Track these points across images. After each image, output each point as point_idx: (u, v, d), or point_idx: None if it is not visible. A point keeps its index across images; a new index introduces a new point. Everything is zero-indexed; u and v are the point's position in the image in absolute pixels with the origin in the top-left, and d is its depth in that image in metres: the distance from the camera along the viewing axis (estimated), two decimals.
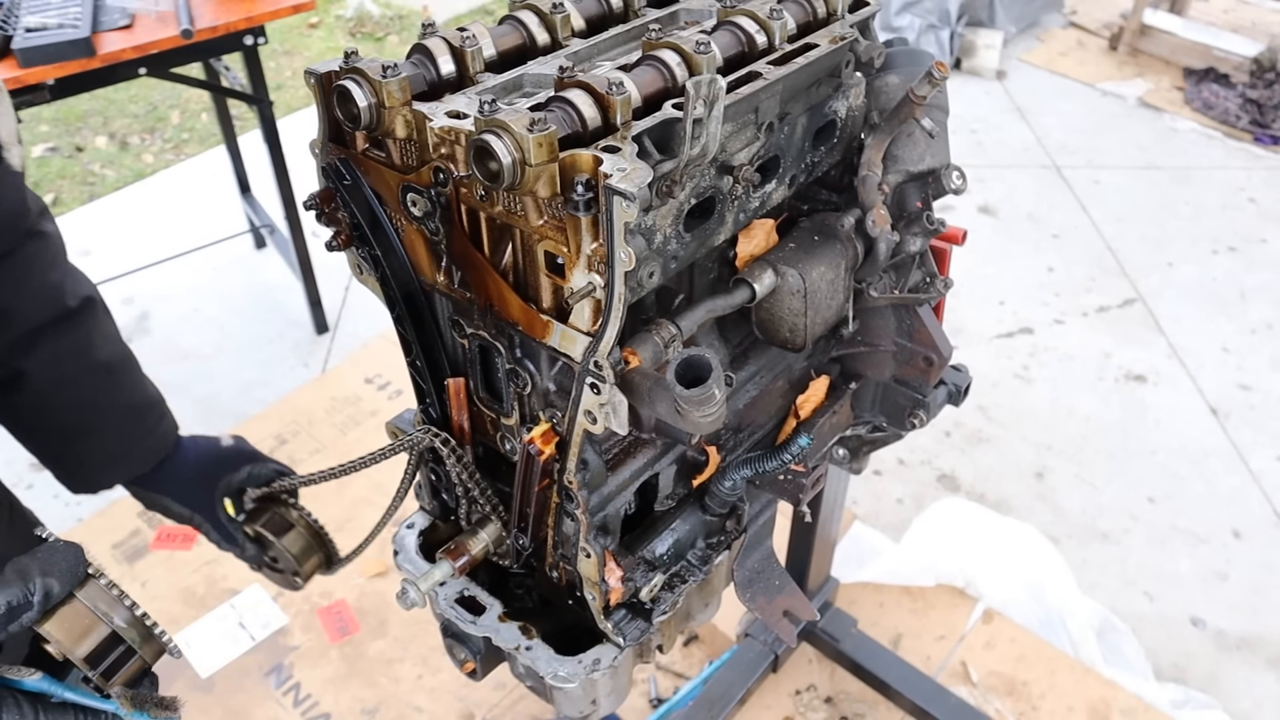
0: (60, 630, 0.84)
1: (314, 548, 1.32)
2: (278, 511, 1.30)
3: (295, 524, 1.30)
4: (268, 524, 1.28)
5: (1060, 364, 3.35)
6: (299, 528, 1.30)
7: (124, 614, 0.87)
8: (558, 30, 1.05)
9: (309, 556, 1.31)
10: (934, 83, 1.03)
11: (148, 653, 0.90)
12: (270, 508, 1.30)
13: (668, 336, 1.01)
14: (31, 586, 0.80)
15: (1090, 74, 5.17)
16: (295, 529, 1.30)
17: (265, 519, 1.29)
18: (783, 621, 1.38)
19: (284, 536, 1.29)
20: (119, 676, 0.88)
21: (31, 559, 0.82)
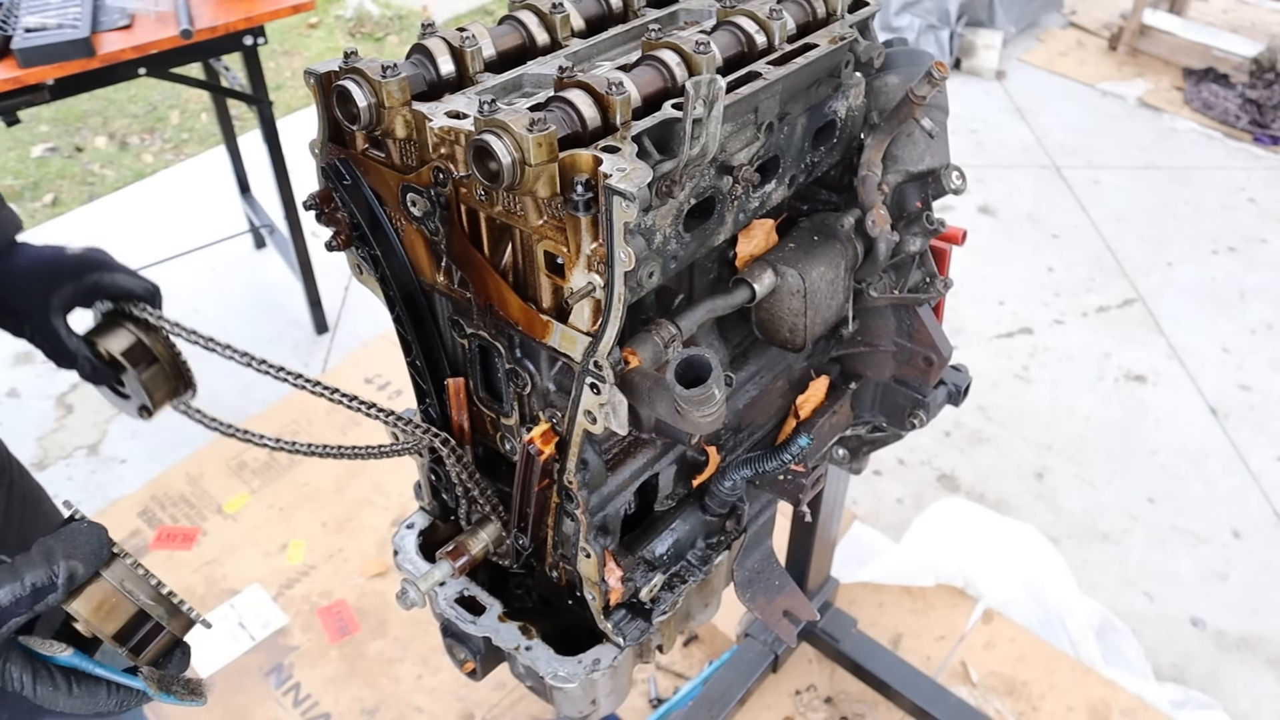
0: (88, 609, 0.84)
1: (166, 376, 1.16)
2: (130, 329, 1.14)
3: (148, 346, 1.14)
4: (112, 341, 1.13)
5: (1060, 364, 3.35)
6: (152, 349, 1.14)
7: (149, 591, 0.87)
8: (557, 30, 1.05)
9: (160, 386, 1.16)
10: (933, 83, 1.03)
11: (175, 627, 0.90)
12: (122, 324, 1.14)
13: (667, 336, 1.01)
14: (56, 568, 0.80)
15: (1090, 74, 5.18)
16: (145, 350, 1.14)
17: (111, 335, 1.13)
18: (783, 621, 1.38)
19: (131, 357, 1.13)
20: (149, 651, 0.88)
21: (56, 540, 0.83)
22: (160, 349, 1.16)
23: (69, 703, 0.82)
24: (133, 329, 1.14)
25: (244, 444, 2.92)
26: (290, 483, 2.76)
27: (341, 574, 2.52)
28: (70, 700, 0.82)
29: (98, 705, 0.84)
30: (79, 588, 0.83)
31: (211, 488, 2.75)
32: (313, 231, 3.23)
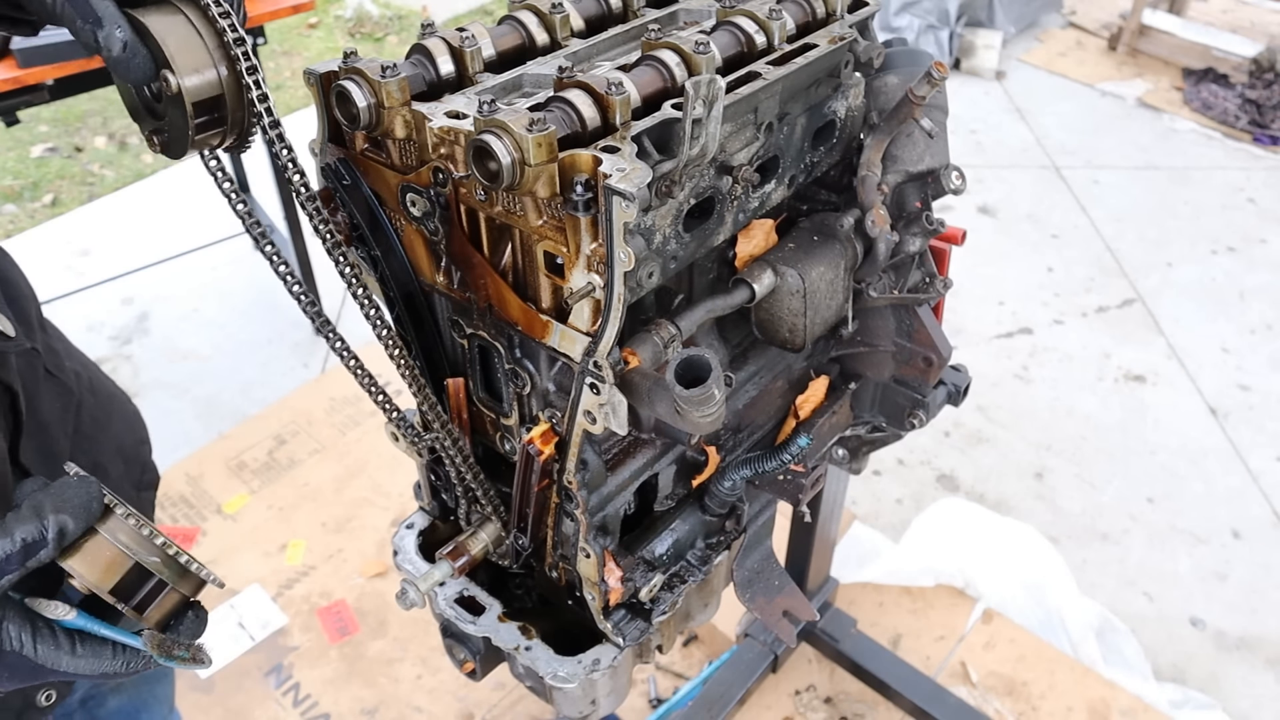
0: (83, 565, 0.81)
1: (223, 106, 0.87)
2: (189, 17, 0.85)
3: (201, 38, 0.84)
4: (158, 20, 0.84)
5: (1060, 364, 3.35)
6: (213, 59, 0.84)
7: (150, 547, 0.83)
8: (557, 30, 1.05)
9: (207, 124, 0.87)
10: (933, 83, 1.03)
11: (185, 587, 0.86)
12: (183, 10, 0.85)
13: (667, 337, 1.01)
14: (46, 523, 0.78)
15: (1089, 74, 5.18)
16: (194, 36, 0.84)
17: (161, 13, 0.85)
18: (782, 622, 1.38)
19: (173, 43, 0.83)
20: (154, 610, 0.85)
21: (45, 495, 0.80)
22: (228, 66, 0.85)
23: (72, 662, 0.80)
24: (196, 23, 0.85)
25: (243, 445, 2.93)
26: (290, 483, 2.76)
27: (341, 574, 2.52)
28: (73, 660, 0.80)
29: (101, 665, 0.81)
30: (74, 544, 0.80)
31: (211, 488, 2.75)
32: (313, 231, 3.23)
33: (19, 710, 1.11)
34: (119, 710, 1.37)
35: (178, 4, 0.85)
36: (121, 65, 0.82)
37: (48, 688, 1.12)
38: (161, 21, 0.83)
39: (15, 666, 0.78)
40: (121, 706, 1.37)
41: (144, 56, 0.83)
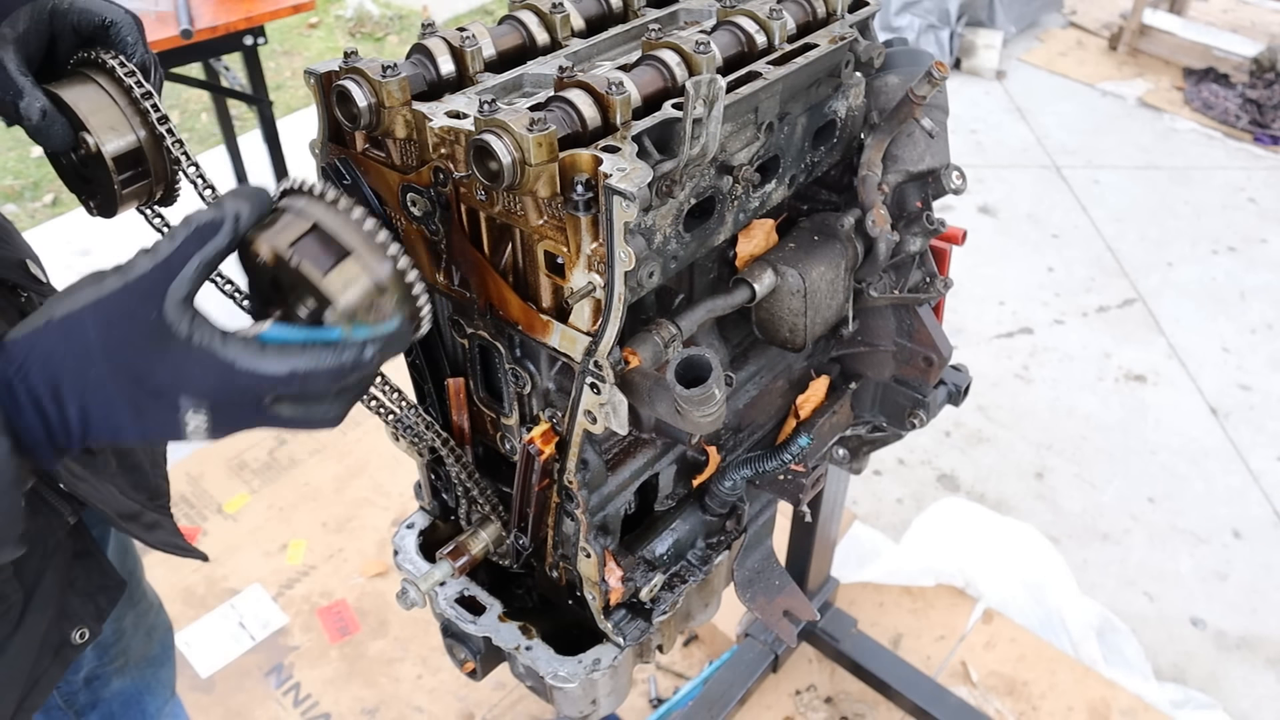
0: (263, 237, 0.74)
1: (139, 162, 0.91)
2: (102, 86, 0.91)
3: (123, 114, 0.90)
4: (72, 93, 0.90)
5: (1060, 364, 3.35)
6: (128, 121, 0.90)
7: (343, 221, 0.75)
8: (557, 30, 1.05)
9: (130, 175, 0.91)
10: (933, 83, 1.03)
11: (374, 260, 0.75)
12: (93, 79, 0.91)
13: (668, 336, 1.01)
14: (221, 212, 0.73)
15: (1090, 74, 5.18)
16: (116, 118, 0.89)
17: (74, 86, 0.91)
18: (783, 621, 1.38)
19: (94, 120, 0.89)
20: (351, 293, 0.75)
21: (224, 195, 0.76)
22: (140, 122, 0.90)
23: (261, 360, 0.71)
24: (106, 87, 0.90)
25: (244, 444, 2.93)
26: (290, 483, 2.76)
27: (342, 574, 2.52)
28: (262, 357, 0.71)
29: (292, 362, 0.72)
30: (260, 225, 0.75)
31: (211, 487, 2.75)
32: None
33: (56, 646, 1.12)
34: (121, 692, 1.38)
35: (88, 73, 0.92)
36: (42, 133, 0.89)
37: (81, 626, 1.14)
38: (73, 90, 0.91)
39: (203, 373, 0.71)
40: (124, 688, 1.38)
41: (62, 124, 0.90)
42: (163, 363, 0.70)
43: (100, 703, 1.35)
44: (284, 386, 0.72)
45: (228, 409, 0.72)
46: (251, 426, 0.76)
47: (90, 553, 1.19)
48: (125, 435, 0.73)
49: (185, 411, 0.71)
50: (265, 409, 0.73)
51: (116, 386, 0.70)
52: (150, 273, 0.70)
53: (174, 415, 0.71)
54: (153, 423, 0.72)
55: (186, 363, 0.70)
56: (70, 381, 0.70)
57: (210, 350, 0.70)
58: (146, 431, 0.73)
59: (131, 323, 0.69)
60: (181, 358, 0.70)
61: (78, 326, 0.70)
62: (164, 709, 1.49)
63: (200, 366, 0.70)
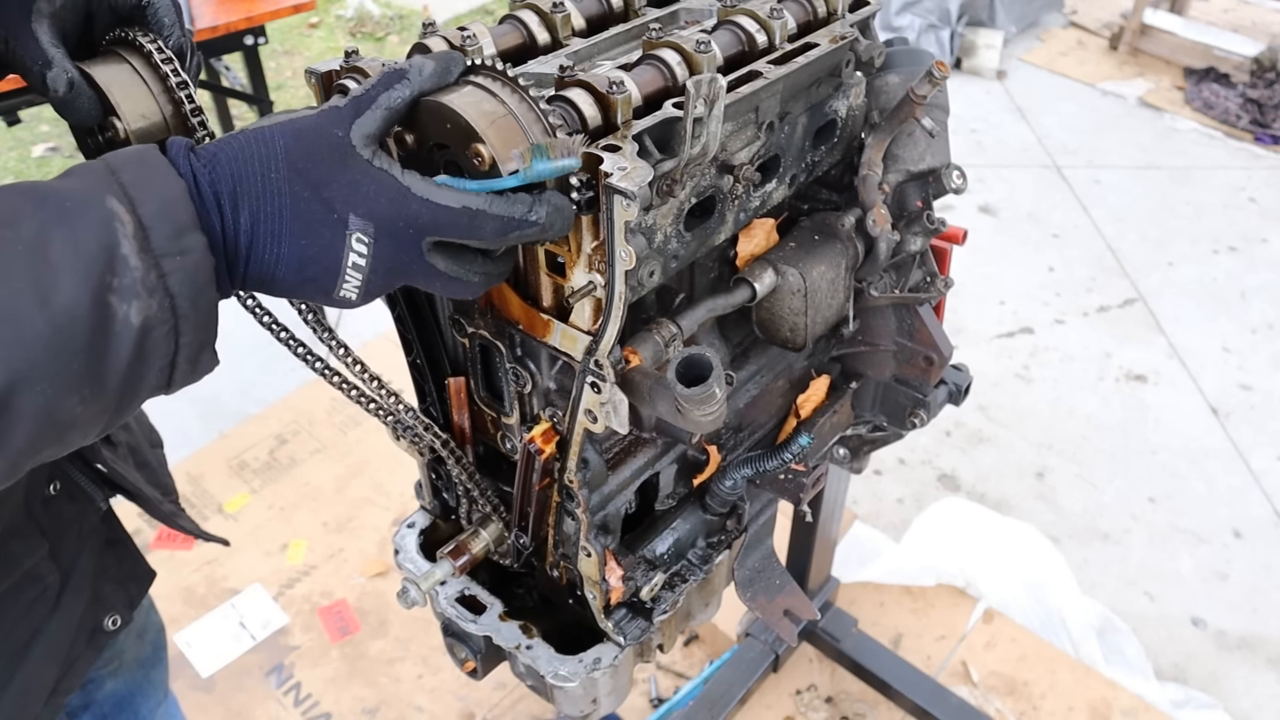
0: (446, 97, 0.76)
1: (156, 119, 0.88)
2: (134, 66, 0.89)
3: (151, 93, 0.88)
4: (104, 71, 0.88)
5: (1060, 364, 3.35)
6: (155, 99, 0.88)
7: (529, 112, 0.77)
8: (558, 30, 1.05)
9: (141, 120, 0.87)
10: (934, 82, 1.03)
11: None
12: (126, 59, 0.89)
13: (668, 335, 1.01)
14: (408, 65, 0.76)
15: (1090, 74, 5.18)
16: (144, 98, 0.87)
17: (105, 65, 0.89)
18: (783, 621, 1.38)
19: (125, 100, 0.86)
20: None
21: (413, 59, 0.79)
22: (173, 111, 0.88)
23: (436, 192, 0.73)
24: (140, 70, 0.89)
25: (244, 444, 2.93)
26: (291, 482, 2.76)
27: (342, 574, 2.52)
28: (437, 191, 0.73)
29: (465, 199, 0.74)
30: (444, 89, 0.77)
31: (212, 487, 2.75)
32: None
33: (90, 631, 1.14)
34: (114, 693, 1.39)
35: (122, 54, 0.89)
36: (68, 106, 0.87)
37: (113, 612, 1.17)
38: (106, 70, 0.87)
39: (378, 192, 0.72)
40: (117, 690, 1.39)
41: (89, 99, 0.87)
42: (342, 175, 0.72)
43: (93, 705, 1.35)
44: (453, 223, 0.74)
45: (391, 241, 0.73)
46: (406, 275, 0.76)
47: (121, 540, 1.22)
48: (284, 263, 0.73)
49: (353, 233, 0.72)
50: (425, 253, 0.75)
51: (292, 192, 0.71)
52: (340, 105, 0.74)
53: (341, 234, 0.72)
54: (317, 243, 0.72)
55: (365, 180, 0.72)
56: (250, 182, 0.71)
57: (390, 173, 0.72)
58: (306, 256, 0.73)
59: (319, 137, 0.72)
60: (360, 175, 0.72)
61: (268, 136, 0.72)
62: (157, 710, 1.49)
63: (377, 185, 0.72)
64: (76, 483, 1.11)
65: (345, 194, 0.72)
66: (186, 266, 0.68)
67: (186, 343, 0.71)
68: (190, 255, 0.68)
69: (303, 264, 0.73)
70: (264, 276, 0.74)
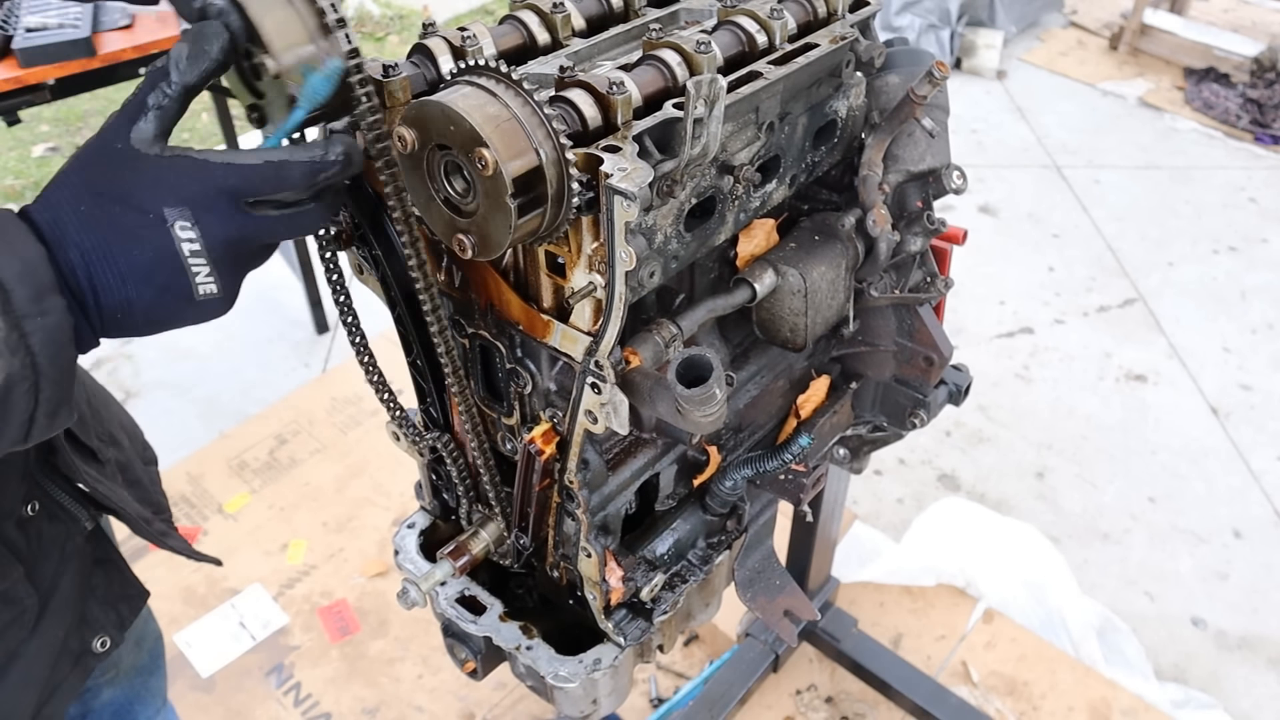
0: None
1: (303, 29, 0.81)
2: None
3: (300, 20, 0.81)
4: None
5: (1060, 364, 3.35)
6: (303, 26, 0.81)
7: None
8: (558, 30, 1.04)
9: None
10: (934, 82, 1.03)
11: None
12: None
13: (668, 336, 1.01)
14: (167, 59, 0.77)
15: (1090, 74, 5.17)
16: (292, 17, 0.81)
17: None
18: (783, 621, 1.38)
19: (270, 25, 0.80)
20: None
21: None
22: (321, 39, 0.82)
23: (232, 155, 0.75)
24: (297, 5, 0.83)
25: (244, 444, 2.93)
26: (291, 482, 2.76)
27: (342, 574, 2.52)
28: (235, 154, 0.75)
29: (265, 155, 0.76)
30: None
31: (212, 487, 2.75)
32: None
33: (77, 654, 1.13)
34: (112, 702, 1.38)
35: None
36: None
37: (102, 634, 1.15)
38: (259, 2, 0.82)
39: (178, 176, 0.74)
40: (114, 698, 1.38)
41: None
42: (139, 178, 0.73)
43: (90, 714, 1.35)
44: (261, 178, 0.75)
45: (213, 215, 0.75)
46: (248, 240, 0.77)
47: (111, 559, 1.19)
48: (130, 281, 0.74)
49: (173, 224, 0.74)
50: (250, 212, 0.76)
51: (106, 215, 0.73)
52: (113, 119, 0.75)
53: (163, 230, 0.73)
54: (148, 248, 0.73)
55: (163, 172, 0.74)
56: (66, 225, 0.73)
57: (185, 155, 0.74)
58: (144, 266, 0.74)
59: (104, 156, 0.74)
60: (157, 170, 0.74)
61: (66, 176, 0.75)
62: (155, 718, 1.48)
63: (175, 172, 0.74)
64: (59, 502, 1.09)
65: (150, 194, 0.73)
66: (48, 327, 0.71)
67: (46, 398, 0.73)
68: (51, 316, 0.71)
69: (148, 275, 0.74)
70: (119, 307, 0.75)
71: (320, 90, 0.78)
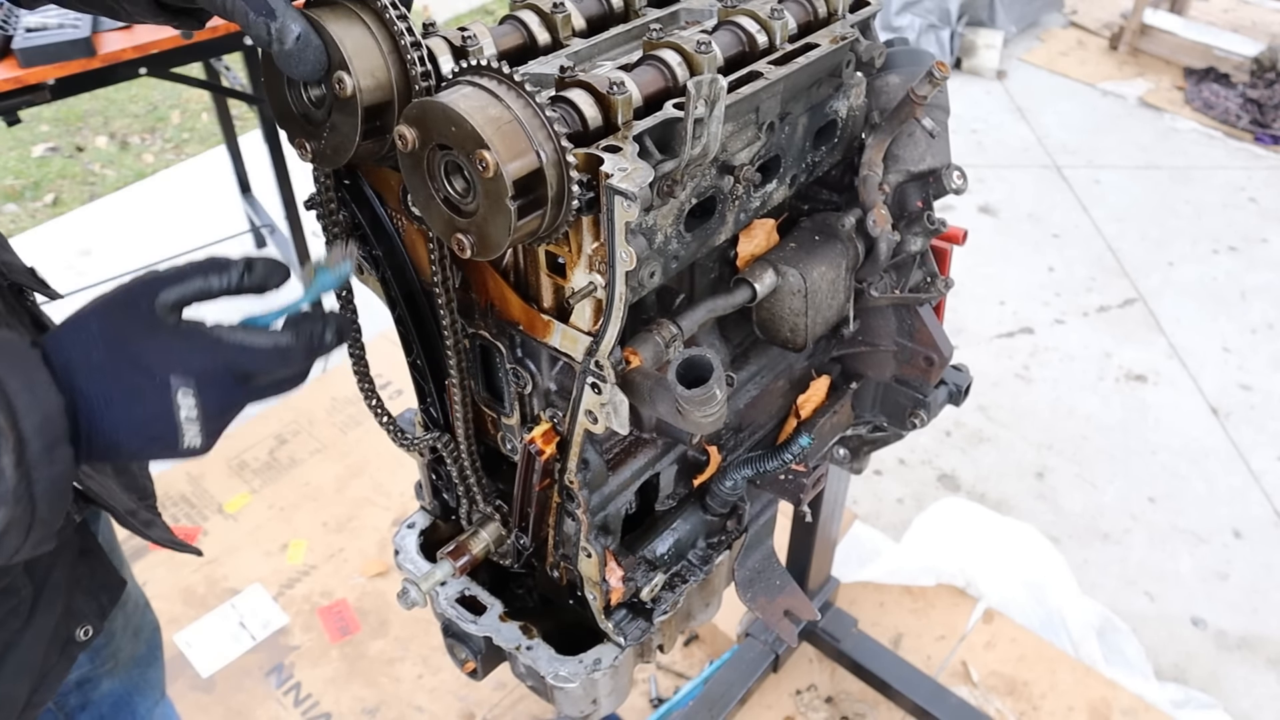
0: None
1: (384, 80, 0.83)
2: (366, 22, 0.83)
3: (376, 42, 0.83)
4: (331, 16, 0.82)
5: (1061, 364, 3.35)
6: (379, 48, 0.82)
7: None
8: (558, 30, 1.04)
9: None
10: (934, 82, 1.03)
11: None
12: (359, 15, 0.83)
13: (669, 336, 1.01)
14: (230, 261, 0.81)
15: (1090, 74, 5.17)
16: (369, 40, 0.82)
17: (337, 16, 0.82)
18: (783, 621, 1.38)
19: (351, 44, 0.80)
20: None
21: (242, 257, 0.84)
22: (400, 72, 0.83)
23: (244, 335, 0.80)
24: (372, 28, 0.83)
25: (244, 444, 2.93)
26: (291, 482, 2.76)
27: (342, 574, 2.52)
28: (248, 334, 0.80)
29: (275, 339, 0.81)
30: None
31: (212, 487, 2.75)
32: (313, 231, 3.23)
33: (63, 643, 1.14)
34: (111, 693, 1.38)
35: (351, 7, 0.83)
36: (293, 59, 0.81)
37: (85, 623, 1.17)
38: (338, 23, 0.82)
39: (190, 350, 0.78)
40: (114, 689, 1.39)
41: (317, 49, 0.81)
42: (153, 342, 0.77)
43: (90, 705, 1.35)
44: (267, 361, 0.80)
45: (214, 388, 0.79)
46: (237, 405, 0.82)
47: (93, 550, 1.20)
48: (124, 431, 0.77)
49: (176, 391, 0.77)
50: (248, 384, 0.81)
51: (114, 368, 0.76)
52: (145, 279, 0.79)
53: (166, 395, 0.77)
54: (149, 408, 0.77)
55: (176, 341, 0.77)
56: (77, 368, 0.75)
57: (198, 330, 0.78)
58: (140, 420, 0.77)
59: (125, 311, 0.77)
60: (171, 338, 0.77)
61: (83, 321, 0.78)
62: (154, 710, 1.49)
63: (188, 343, 0.78)
64: None
65: (161, 359, 0.77)
66: (54, 476, 0.73)
67: (36, 537, 0.75)
68: (58, 466, 0.73)
69: (141, 428, 0.78)
70: (110, 447, 0.78)
71: (327, 285, 0.85)
